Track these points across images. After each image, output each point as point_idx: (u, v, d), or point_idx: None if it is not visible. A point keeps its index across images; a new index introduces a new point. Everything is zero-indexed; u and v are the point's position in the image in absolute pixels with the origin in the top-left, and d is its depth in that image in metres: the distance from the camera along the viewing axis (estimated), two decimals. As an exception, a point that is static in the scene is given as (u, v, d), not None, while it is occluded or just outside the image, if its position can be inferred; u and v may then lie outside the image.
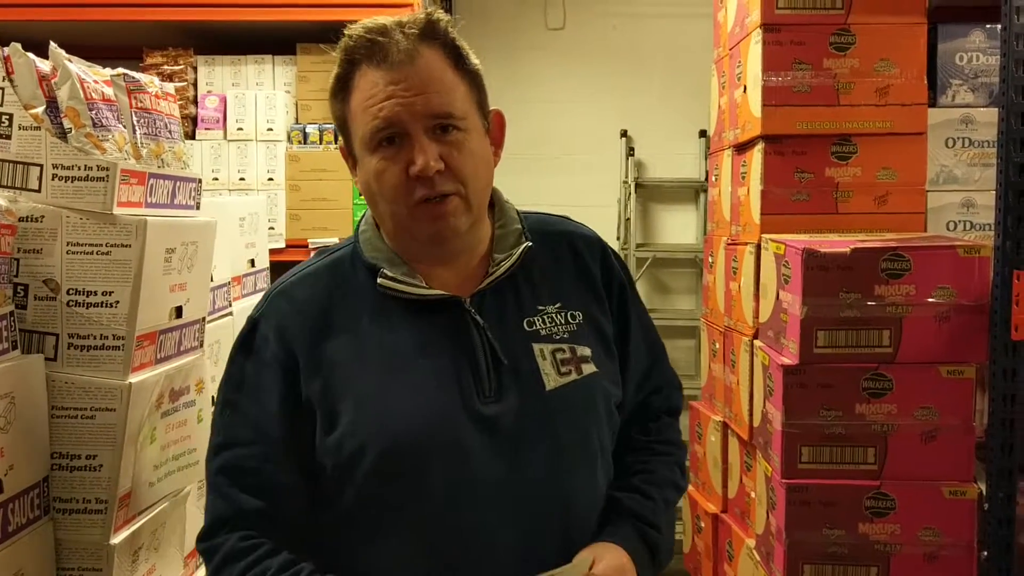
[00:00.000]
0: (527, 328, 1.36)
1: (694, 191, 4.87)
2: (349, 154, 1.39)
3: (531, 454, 1.31)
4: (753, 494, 2.68)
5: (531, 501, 1.31)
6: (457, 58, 1.34)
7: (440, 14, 1.34)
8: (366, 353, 1.32)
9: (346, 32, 1.34)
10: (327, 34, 4.05)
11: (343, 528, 1.32)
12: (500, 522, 1.30)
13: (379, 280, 1.34)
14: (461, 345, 1.33)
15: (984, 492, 2.35)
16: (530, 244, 1.40)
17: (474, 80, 1.36)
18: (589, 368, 1.37)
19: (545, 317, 1.37)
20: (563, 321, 1.38)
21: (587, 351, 1.37)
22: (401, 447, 1.28)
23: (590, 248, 1.47)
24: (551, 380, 1.34)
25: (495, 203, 1.45)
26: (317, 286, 1.37)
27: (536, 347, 1.35)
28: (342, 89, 1.35)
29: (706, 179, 4.55)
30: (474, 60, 1.37)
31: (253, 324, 1.37)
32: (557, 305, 1.39)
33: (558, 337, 1.36)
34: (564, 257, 1.44)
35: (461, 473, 1.29)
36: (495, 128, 1.41)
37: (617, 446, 1.46)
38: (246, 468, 1.31)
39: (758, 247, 2.70)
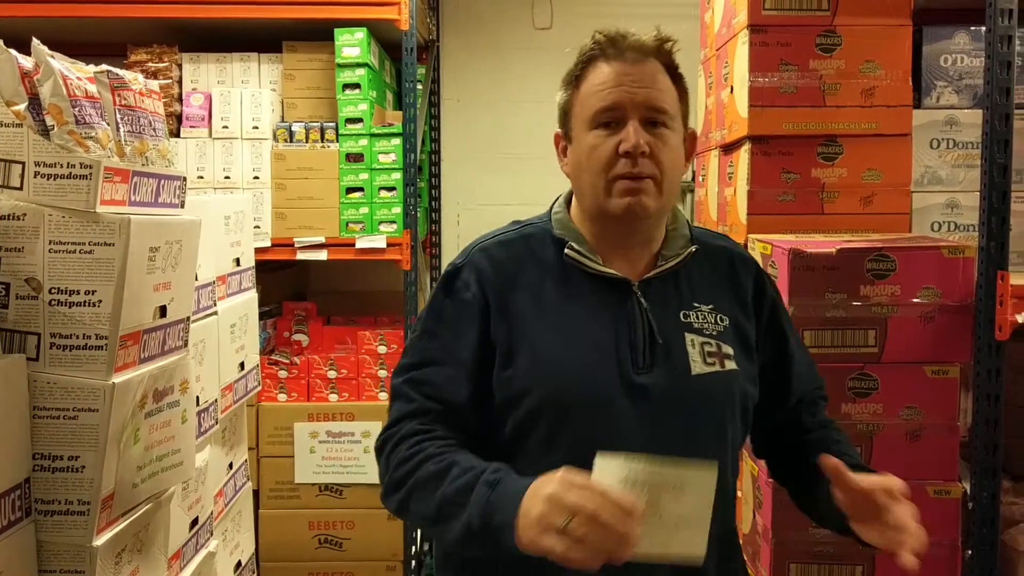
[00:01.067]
0: (683, 319, 1.53)
1: (681, 191, 4.87)
2: (564, 137, 1.58)
3: (671, 425, 1.46)
4: (740, 494, 2.68)
5: None
6: (675, 74, 1.55)
7: (669, 37, 1.55)
8: (545, 311, 1.51)
9: (593, 35, 1.54)
10: (313, 32, 4.03)
11: (498, 453, 1.45)
12: None
13: (566, 251, 1.54)
14: (625, 320, 1.50)
15: (968, 491, 2.36)
16: (696, 248, 1.58)
17: (683, 96, 1.56)
18: (731, 365, 1.52)
19: (699, 314, 1.54)
20: (714, 321, 1.55)
21: (731, 350, 1.53)
22: (560, 395, 1.46)
23: (745, 266, 1.64)
24: (697, 366, 1.50)
25: (673, 210, 1.62)
26: (512, 248, 1.57)
27: (688, 336, 1.51)
28: (575, 78, 1.55)
29: (692, 179, 4.56)
30: (685, 83, 1.57)
31: (456, 269, 1.57)
32: (710, 306, 1.56)
33: (708, 332, 1.53)
34: (721, 268, 1.61)
35: (605, 428, 1.44)
36: (689, 143, 1.59)
37: (791, 430, 1.65)
38: (432, 382, 1.50)
39: (745, 247, 2.70)
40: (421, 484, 1.40)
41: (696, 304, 1.55)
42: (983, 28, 2.42)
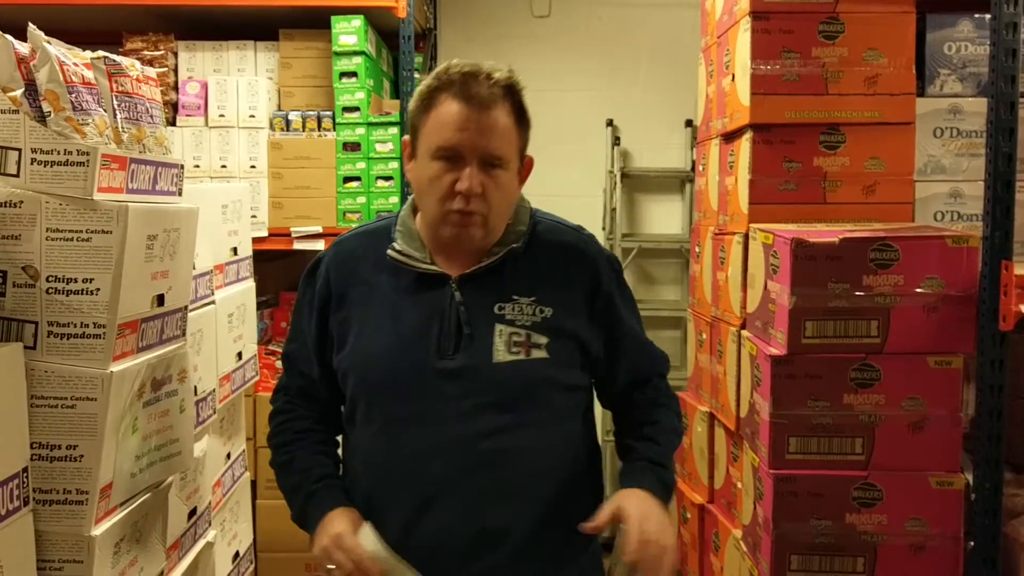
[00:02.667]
0: (496, 311, 1.68)
1: (680, 181, 4.85)
2: (410, 148, 1.71)
3: (470, 405, 1.64)
4: (740, 484, 2.67)
5: (462, 444, 1.63)
6: (520, 115, 1.67)
7: (516, 77, 1.67)
8: (374, 302, 1.71)
9: (447, 65, 1.65)
10: (309, 20, 4.00)
11: (346, 414, 1.79)
12: (437, 449, 1.63)
13: (388, 250, 1.71)
14: (437, 312, 1.68)
15: (971, 483, 2.35)
16: (516, 246, 1.71)
17: (525, 132, 1.70)
18: (539, 353, 1.67)
19: (516, 306, 1.68)
20: (531, 312, 1.68)
21: (543, 340, 1.67)
22: (371, 377, 1.70)
23: (583, 259, 1.75)
24: (500, 354, 1.66)
25: (517, 207, 1.76)
26: (358, 243, 1.79)
27: (498, 327, 1.67)
28: (427, 100, 1.65)
29: (692, 169, 4.54)
30: (528, 116, 1.69)
31: (318, 260, 1.80)
32: (532, 298, 1.69)
33: (520, 323, 1.67)
34: (555, 262, 1.74)
35: (411, 407, 1.66)
36: (525, 169, 1.74)
37: (622, 408, 1.84)
38: (297, 357, 1.82)
39: (746, 237, 2.69)
40: (277, 467, 1.82)
41: (515, 296, 1.68)
42: (988, 15, 2.40)
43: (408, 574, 1.61)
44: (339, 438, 1.85)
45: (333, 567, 1.62)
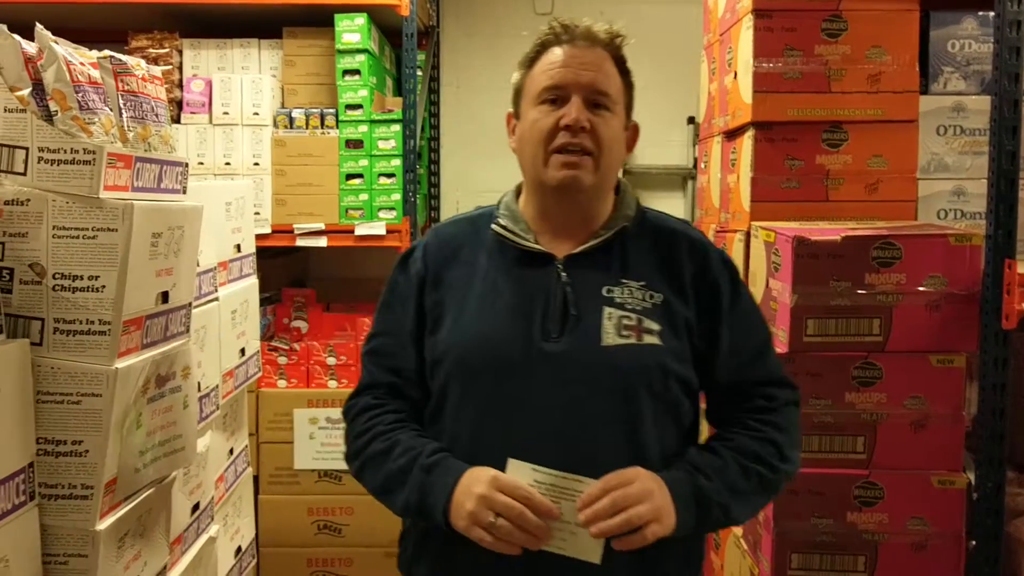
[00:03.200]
0: (605, 294, 1.59)
1: (682, 178, 4.85)
2: (515, 116, 1.68)
3: (575, 391, 1.54)
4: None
5: (568, 429, 1.52)
6: (621, 65, 1.65)
7: (621, 32, 1.66)
8: (475, 283, 1.63)
9: (548, 23, 1.65)
10: (313, 18, 4.01)
11: (432, 409, 1.66)
12: (537, 437, 1.52)
13: (492, 225, 1.66)
14: (542, 292, 1.59)
15: (973, 482, 2.35)
16: (626, 226, 1.64)
17: (628, 88, 1.67)
18: (651, 339, 1.57)
19: (625, 289, 1.60)
20: (641, 297, 1.59)
21: (655, 326, 1.58)
22: (469, 358, 1.59)
23: (692, 248, 1.66)
24: (609, 338, 1.56)
25: (622, 192, 1.71)
26: (458, 228, 1.73)
27: (607, 310, 1.58)
28: (529, 61, 1.65)
29: (694, 166, 4.54)
30: (632, 78, 1.68)
31: (413, 248, 1.75)
32: (641, 283, 1.61)
33: (630, 307, 1.58)
34: (663, 249, 1.65)
35: (511, 391, 1.55)
36: (631, 134, 1.69)
37: (718, 422, 1.70)
38: (386, 352, 1.70)
39: (748, 235, 2.69)
40: (371, 459, 1.62)
41: (625, 280, 1.60)
42: (991, 13, 2.40)
43: (584, 484, 1.44)
44: None
45: (495, 519, 1.43)
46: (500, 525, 1.43)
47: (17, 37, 1.56)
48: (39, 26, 1.59)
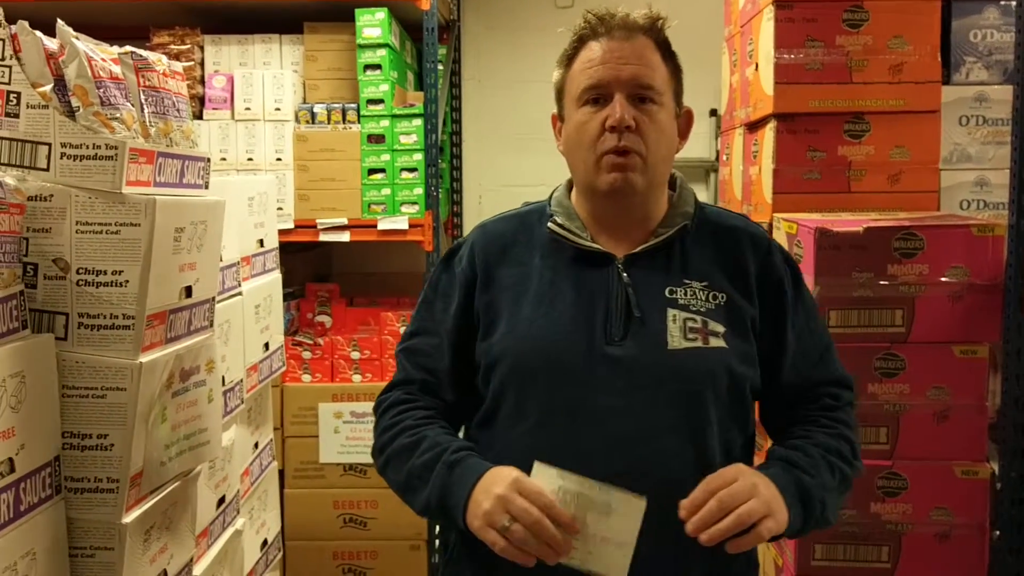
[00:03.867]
0: (668, 295, 1.52)
1: (704, 170, 4.84)
2: (559, 118, 1.62)
3: (641, 397, 1.47)
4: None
5: (631, 438, 1.45)
6: (665, 50, 1.56)
7: (661, 14, 1.57)
8: (529, 284, 1.56)
9: (582, 16, 1.57)
10: (334, 13, 4.03)
11: (481, 421, 1.59)
12: (598, 447, 1.45)
13: (549, 224, 1.58)
14: (603, 293, 1.52)
15: (997, 472, 2.34)
16: (687, 224, 1.57)
17: (675, 73, 1.58)
18: (717, 342, 1.50)
19: (688, 290, 1.53)
20: (705, 298, 1.53)
21: (719, 328, 1.51)
22: (528, 362, 1.51)
23: (755, 244, 1.60)
24: (675, 341, 1.49)
25: (678, 187, 1.64)
26: (508, 225, 1.65)
27: (671, 312, 1.51)
28: (567, 59, 1.58)
29: (716, 158, 4.53)
30: (678, 60, 1.59)
31: (458, 245, 1.67)
32: (704, 283, 1.54)
33: (694, 309, 1.52)
34: (725, 247, 1.59)
35: (573, 397, 1.48)
36: (684, 121, 1.61)
37: (783, 425, 1.62)
38: (422, 351, 1.64)
39: (770, 226, 2.68)
40: (396, 454, 1.55)
41: (687, 280, 1.54)
42: (1013, 2, 2.38)
43: (613, 495, 1.34)
44: None
45: (509, 523, 1.34)
46: (515, 530, 1.33)
47: (39, 33, 1.58)
48: (60, 22, 1.60)
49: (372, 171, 3.68)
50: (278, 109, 3.68)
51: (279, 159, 3.68)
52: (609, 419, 1.46)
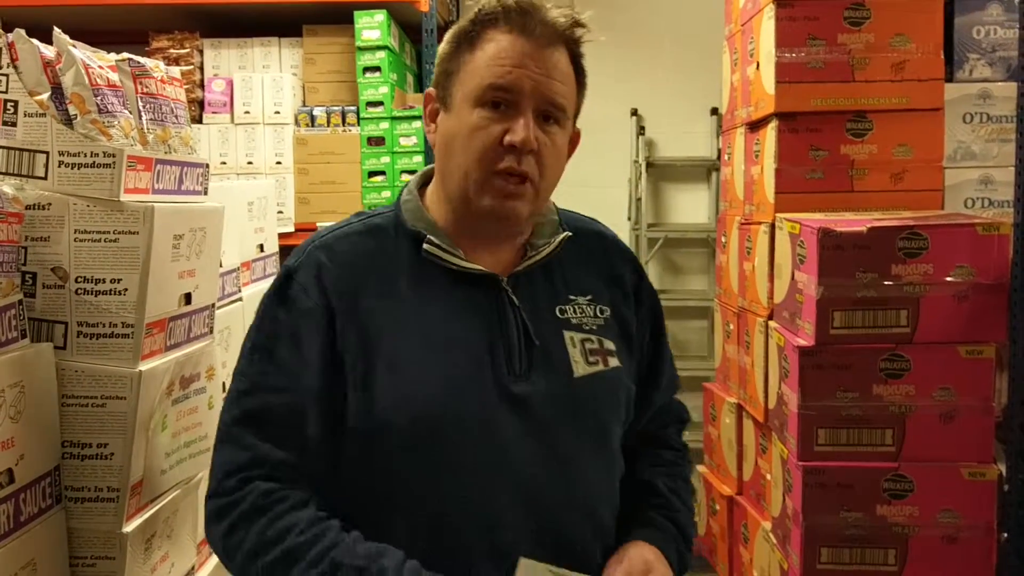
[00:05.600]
0: (559, 315, 1.39)
1: (706, 170, 4.83)
2: (438, 100, 1.39)
3: (555, 437, 1.33)
4: (769, 476, 2.66)
5: (551, 484, 1.32)
6: (579, 67, 1.40)
7: (583, 20, 1.37)
8: (402, 318, 1.32)
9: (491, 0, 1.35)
10: (332, 15, 4.02)
11: (364, 489, 1.32)
12: (518, 499, 1.30)
13: (425, 246, 1.35)
14: (496, 322, 1.34)
15: (1004, 473, 2.32)
16: (569, 234, 1.42)
17: (581, 91, 1.41)
18: (615, 361, 1.40)
19: (576, 307, 1.40)
20: (592, 313, 1.41)
21: (612, 346, 1.41)
22: (431, 419, 1.28)
23: (622, 253, 1.51)
24: (579, 367, 1.36)
25: None
26: (358, 245, 1.38)
27: (567, 334, 1.38)
28: (468, 38, 1.35)
29: (718, 158, 4.51)
30: (586, 76, 1.42)
31: (289, 273, 1.36)
32: (588, 297, 1.42)
33: (587, 328, 1.39)
34: (596, 254, 1.47)
35: (489, 450, 1.30)
36: (573, 143, 1.45)
37: (650, 441, 1.53)
38: (273, 416, 1.29)
39: (772, 226, 2.67)
40: None
41: (572, 296, 1.41)
42: (1017, -1, 2.37)
43: None
44: None
45: None
46: None
47: (35, 41, 1.57)
48: (57, 30, 1.59)
49: (372, 173, 3.67)
50: (277, 112, 3.67)
51: (279, 162, 3.68)
52: (531, 468, 1.31)
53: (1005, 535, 2.32)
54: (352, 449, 1.31)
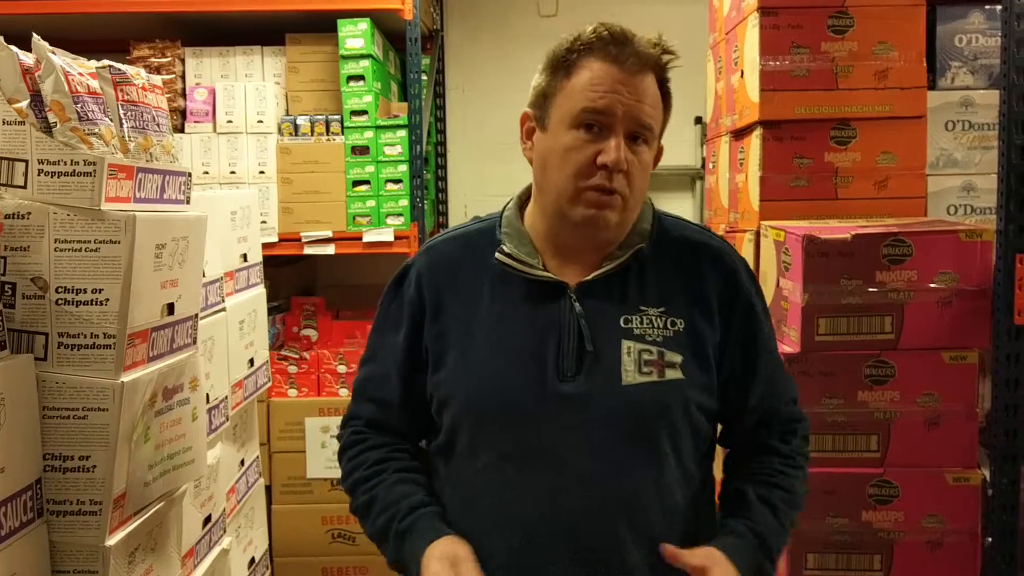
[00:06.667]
0: (623, 324, 1.47)
1: (690, 178, 4.83)
2: (535, 120, 1.51)
3: (596, 436, 1.43)
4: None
5: (589, 476, 1.42)
6: (666, 92, 1.50)
7: (670, 49, 1.50)
8: (478, 315, 1.50)
9: (589, 28, 1.47)
10: (316, 24, 4.01)
11: (437, 450, 1.55)
12: (558, 486, 1.42)
13: (497, 254, 1.51)
14: (555, 326, 1.46)
15: (988, 478, 2.33)
16: (642, 247, 1.51)
17: (667, 113, 1.52)
18: (674, 374, 1.45)
19: (644, 318, 1.47)
20: (661, 325, 1.47)
21: (677, 358, 1.46)
22: (478, 403, 1.47)
23: (718, 263, 1.54)
24: (629, 376, 1.44)
25: None
26: (456, 247, 1.58)
27: (625, 343, 1.45)
28: (565, 65, 1.46)
29: (702, 166, 4.52)
30: (671, 99, 1.52)
31: (406, 268, 1.60)
32: (661, 309, 1.48)
33: (650, 339, 1.46)
34: (685, 265, 1.53)
35: (524, 438, 1.44)
36: (658, 156, 1.54)
37: (752, 450, 1.58)
38: (373, 379, 1.60)
39: (757, 234, 2.68)
40: (357, 510, 1.57)
41: (643, 307, 1.48)
42: (998, 6, 2.38)
43: None
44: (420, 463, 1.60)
45: None
46: None
47: (14, 48, 1.56)
48: (36, 37, 1.58)
49: (356, 183, 3.66)
50: (260, 121, 3.65)
51: (262, 172, 3.66)
52: (565, 458, 1.42)
53: (990, 540, 2.32)
54: (434, 414, 1.54)
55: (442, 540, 1.42)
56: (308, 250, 3.68)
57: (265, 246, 2.99)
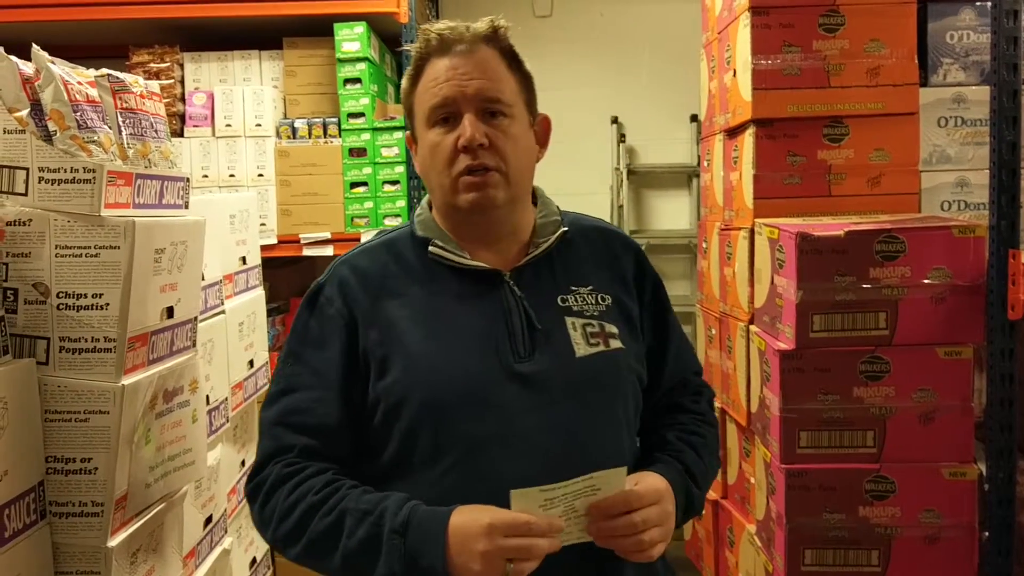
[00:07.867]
0: (560, 303, 1.51)
1: (687, 176, 4.85)
2: (413, 140, 1.56)
3: (561, 411, 1.44)
4: (752, 480, 2.68)
5: (561, 454, 1.42)
6: (511, 59, 1.52)
7: (501, 22, 1.52)
8: (416, 313, 1.48)
9: (421, 32, 1.51)
10: (312, 28, 4.02)
11: (383, 471, 1.46)
12: (529, 471, 1.39)
13: (430, 248, 1.51)
14: (499, 311, 1.48)
15: (984, 472, 2.35)
16: (566, 230, 1.56)
17: (525, 81, 1.54)
18: (616, 343, 1.51)
19: (577, 296, 1.53)
20: (594, 302, 1.53)
21: (615, 329, 1.52)
22: (440, 395, 1.43)
23: (624, 246, 1.63)
24: (581, 349, 1.48)
25: (538, 198, 1.62)
26: (376, 257, 1.55)
27: (568, 320, 1.50)
28: (413, 79, 1.52)
29: (698, 164, 4.54)
30: (527, 66, 1.54)
31: (319, 287, 1.54)
32: (589, 287, 1.54)
33: (588, 314, 1.52)
34: (598, 249, 1.60)
35: (495, 423, 1.42)
36: (541, 128, 1.58)
37: (664, 411, 1.64)
38: (299, 410, 1.47)
39: (752, 232, 2.69)
40: (318, 538, 1.39)
41: (574, 287, 1.53)
42: (989, 3, 2.39)
43: (596, 478, 1.35)
44: None
45: (510, 569, 1.30)
46: (518, 570, 1.30)
47: (14, 58, 1.57)
48: (35, 47, 1.60)
49: (354, 184, 3.68)
50: (259, 125, 3.67)
51: (261, 175, 3.68)
52: (534, 438, 1.42)
53: (987, 534, 2.34)
54: (376, 433, 1.46)
55: (461, 511, 1.34)
56: (307, 252, 3.70)
57: (264, 248, 3.01)
